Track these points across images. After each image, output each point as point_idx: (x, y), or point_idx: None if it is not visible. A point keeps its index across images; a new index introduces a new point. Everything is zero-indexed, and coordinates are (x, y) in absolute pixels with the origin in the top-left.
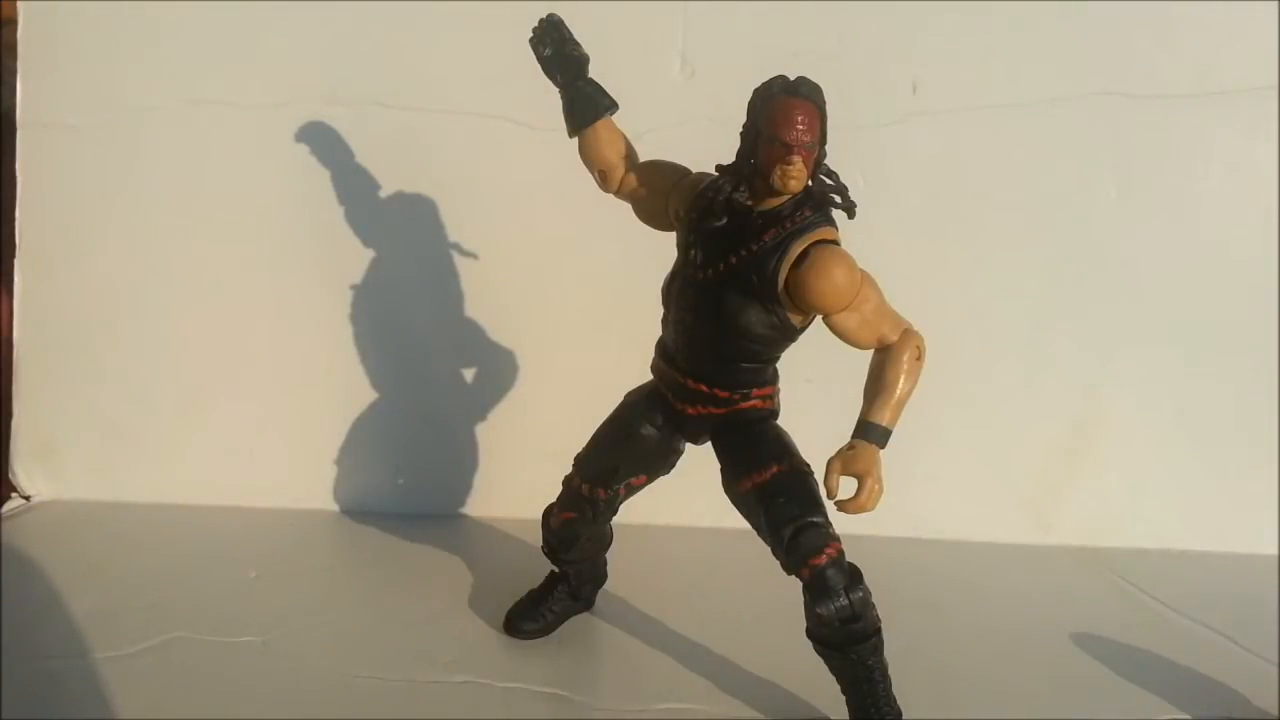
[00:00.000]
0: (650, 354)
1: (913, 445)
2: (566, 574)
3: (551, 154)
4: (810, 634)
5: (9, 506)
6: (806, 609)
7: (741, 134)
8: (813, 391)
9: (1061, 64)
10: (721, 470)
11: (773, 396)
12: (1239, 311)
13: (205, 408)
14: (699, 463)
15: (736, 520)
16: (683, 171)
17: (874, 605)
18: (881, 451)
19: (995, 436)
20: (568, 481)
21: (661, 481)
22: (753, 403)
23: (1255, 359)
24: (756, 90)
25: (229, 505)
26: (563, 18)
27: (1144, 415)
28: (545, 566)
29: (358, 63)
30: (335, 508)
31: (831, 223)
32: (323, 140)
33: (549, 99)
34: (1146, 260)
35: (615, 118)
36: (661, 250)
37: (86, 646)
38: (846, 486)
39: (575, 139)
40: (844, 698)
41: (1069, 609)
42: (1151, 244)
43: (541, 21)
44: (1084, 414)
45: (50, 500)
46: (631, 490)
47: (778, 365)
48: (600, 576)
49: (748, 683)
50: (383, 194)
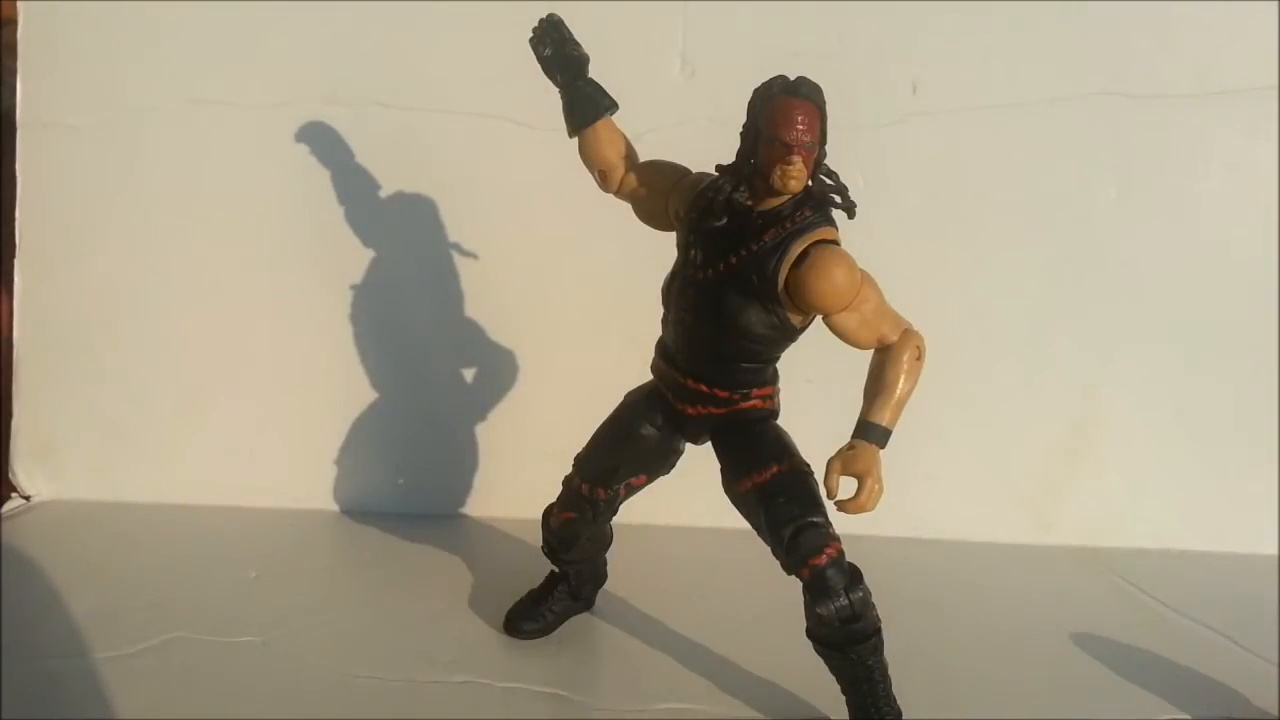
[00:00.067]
0: (650, 354)
1: (913, 445)
2: (566, 574)
3: (551, 154)
4: (810, 634)
5: (9, 506)
6: (806, 609)
7: (741, 134)
8: (813, 391)
9: (1061, 64)
10: (721, 470)
11: (773, 396)
12: (1239, 311)
13: (205, 408)
14: (699, 463)
15: (736, 520)
16: (683, 171)
17: (874, 605)
18: (881, 451)
19: (995, 436)
20: (568, 481)
21: (661, 481)
22: (753, 403)
23: (1255, 359)
24: (756, 90)
25: (229, 505)
26: (563, 18)
27: (1144, 415)
28: (545, 566)
29: (358, 63)
30: (335, 508)
31: (831, 223)
32: (323, 140)
33: (549, 99)
34: (1146, 260)
35: (615, 118)
36: (661, 250)
37: (86, 646)
38: (846, 486)
39: (575, 139)
40: (844, 698)
41: (1069, 609)
42: (1151, 244)
43: (541, 21)
44: (1084, 414)
45: (50, 500)
46: (631, 490)
47: (778, 365)
48: (600, 576)
49: (748, 683)
50: (383, 194)
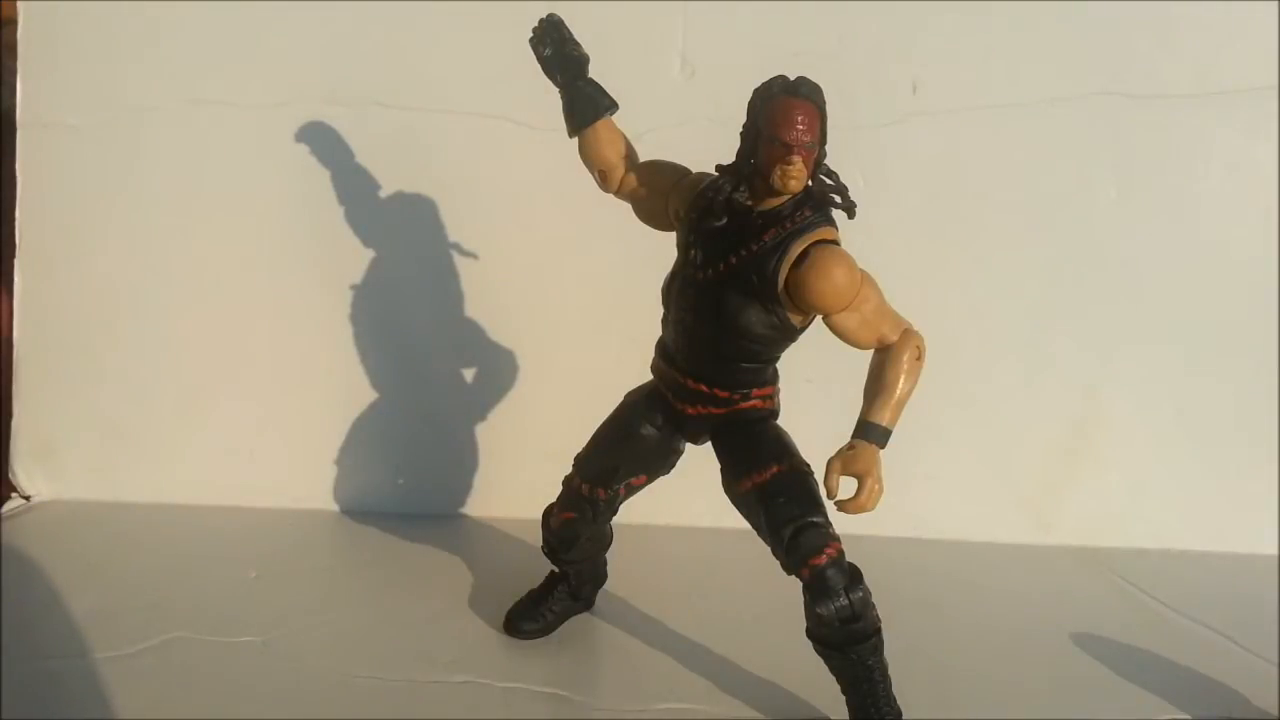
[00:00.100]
0: (650, 354)
1: (913, 445)
2: (566, 574)
3: (551, 154)
4: (810, 634)
5: (9, 506)
6: (806, 609)
7: (741, 134)
8: (813, 391)
9: (1061, 64)
10: (721, 470)
11: (773, 396)
12: (1239, 311)
13: (205, 408)
14: (699, 463)
15: (736, 520)
16: (683, 171)
17: (874, 605)
18: (881, 451)
19: (995, 436)
20: (568, 481)
21: (661, 481)
22: (753, 403)
23: (1255, 359)
24: (756, 90)
25: (229, 505)
26: (563, 18)
27: (1144, 415)
28: (545, 566)
29: (358, 63)
30: (335, 508)
31: (831, 223)
32: (323, 140)
33: (549, 99)
34: (1146, 260)
35: (615, 118)
36: (661, 250)
37: (86, 646)
38: (846, 486)
39: (575, 139)
40: (844, 698)
41: (1069, 609)
42: (1151, 244)
43: (541, 21)
44: (1084, 414)
45: (50, 500)
46: (631, 490)
47: (778, 365)
48: (600, 576)
49: (748, 683)
50: (383, 194)
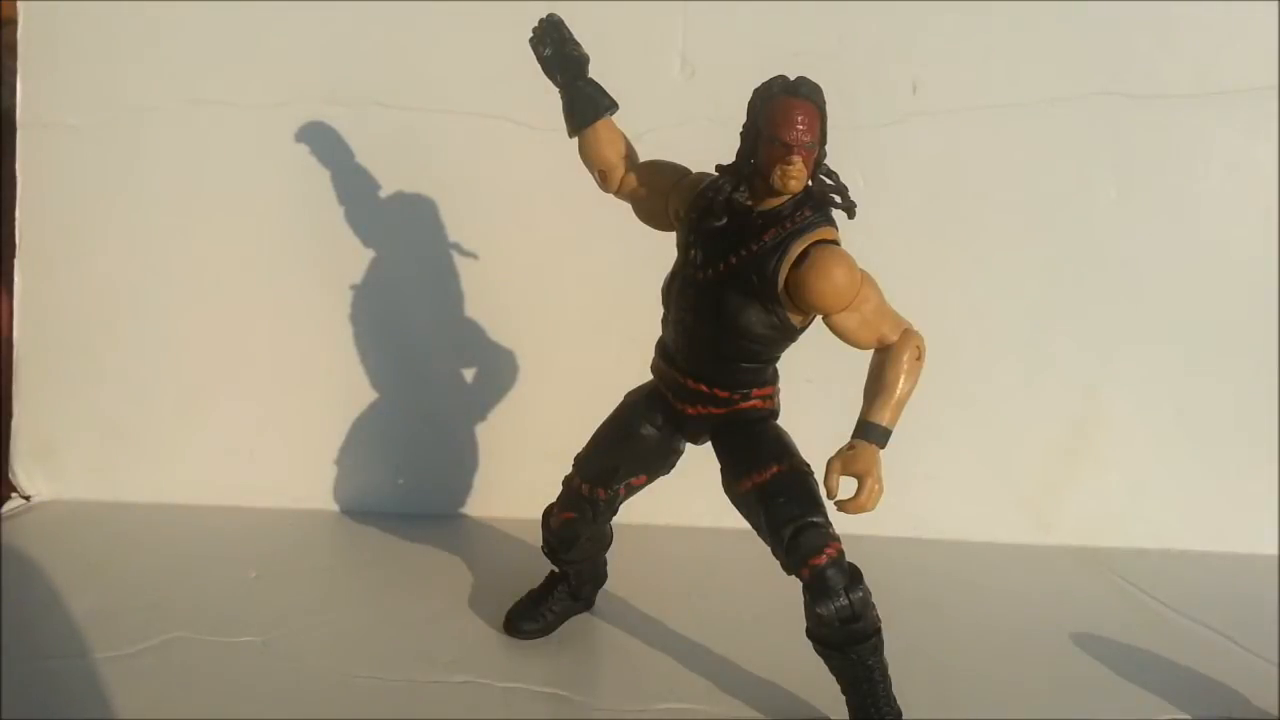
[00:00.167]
0: (650, 354)
1: (913, 445)
2: (566, 574)
3: (551, 154)
4: (810, 634)
5: (9, 506)
6: (806, 609)
7: (741, 134)
8: (813, 391)
9: (1061, 64)
10: (721, 470)
11: (773, 396)
12: (1239, 311)
13: (205, 408)
14: (699, 463)
15: (736, 520)
16: (683, 171)
17: (874, 605)
18: (881, 451)
19: (995, 436)
20: (568, 481)
21: (661, 481)
22: (753, 403)
23: (1255, 359)
24: (756, 90)
25: (229, 505)
26: (563, 18)
27: (1144, 415)
28: (545, 566)
29: (358, 63)
30: (335, 508)
31: (831, 223)
32: (323, 140)
33: (549, 99)
34: (1146, 260)
35: (615, 118)
36: (661, 250)
37: (86, 646)
38: (846, 486)
39: (575, 139)
40: (844, 698)
41: (1069, 609)
42: (1151, 244)
43: (541, 21)
44: (1084, 414)
45: (50, 500)
46: (631, 490)
47: (778, 365)
48: (600, 576)
49: (748, 683)
50: (383, 194)
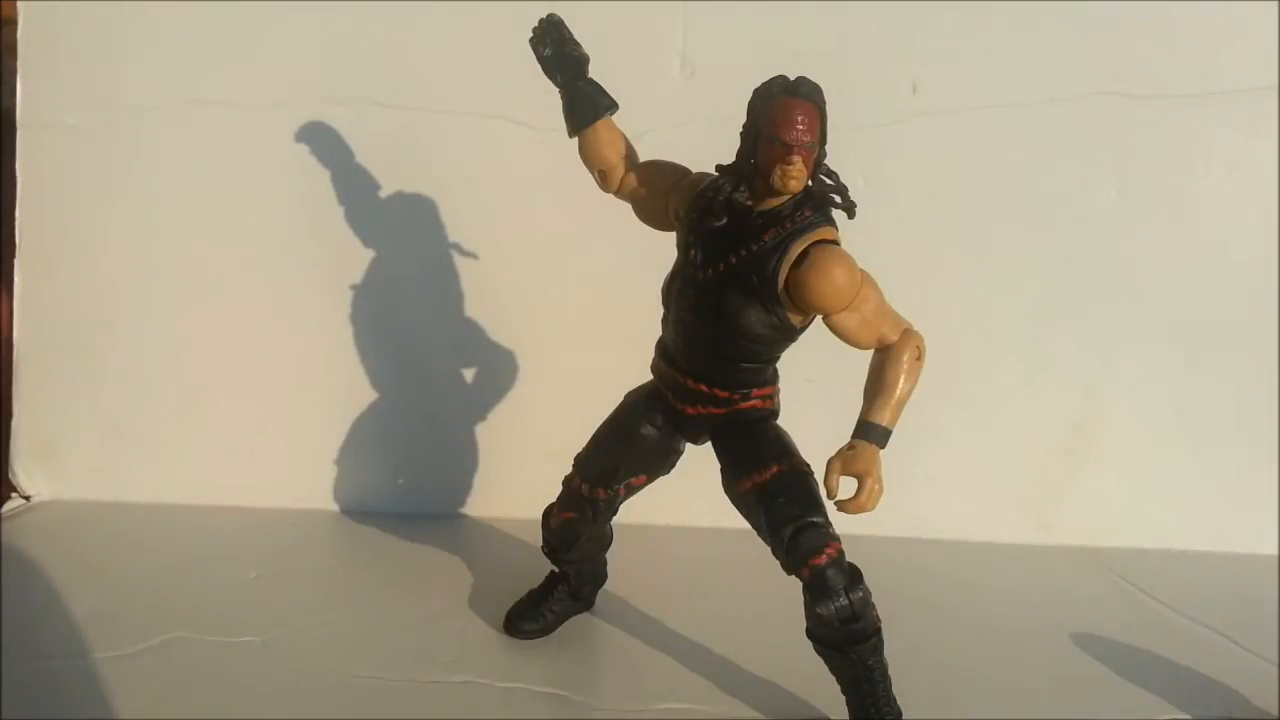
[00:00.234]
0: (650, 354)
1: (913, 445)
2: (566, 574)
3: (551, 154)
4: (810, 634)
5: (9, 506)
6: (806, 609)
7: (741, 134)
8: (813, 391)
9: (1061, 64)
10: (721, 470)
11: (773, 396)
12: (1239, 311)
13: (205, 408)
14: (699, 463)
15: (736, 520)
16: (683, 171)
17: (874, 605)
18: (881, 451)
19: (995, 436)
20: (568, 481)
21: (661, 481)
22: (753, 403)
23: (1255, 359)
24: (756, 90)
25: (229, 505)
26: (563, 18)
27: (1144, 415)
28: (545, 566)
29: (358, 63)
30: (335, 508)
31: (831, 223)
32: (323, 140)
33: (549, 99)
34: (1146, 260)
35: (615, 118)
36: (661, 250)
37: (86, 646)
38: (846, 486)
39: (575, 139)
40: (844, 698)
41: (1069, 609)
42: (1151, 244)
43: (541, 21)
44: (1084, 414)
45: (50, 500)
46: (631, 490)
47: (778, 365)
48: (600, 576)
49: (748, 683)
50: (383, 194)
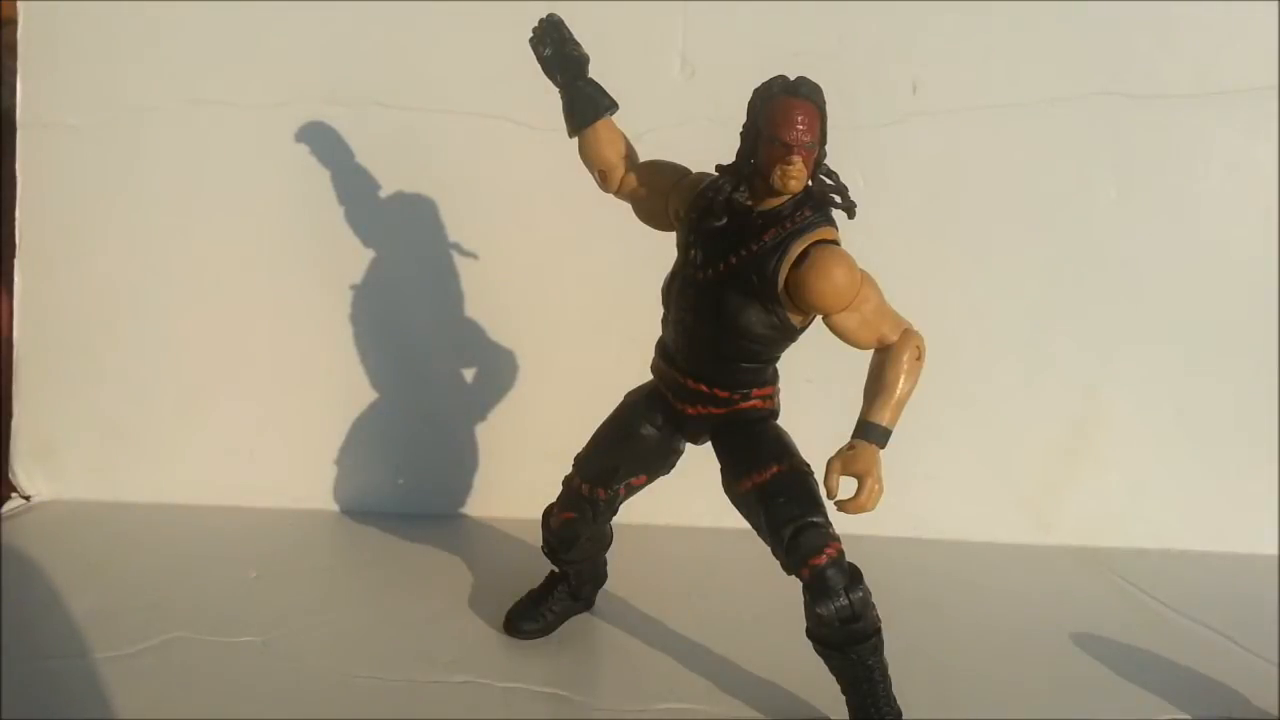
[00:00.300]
0: (650, 354)
1: (913, 445)
2: (566, 574)
3: (551, 154)
4: (810, 634)
5: (9, 506)
6: (806, 609)
7: (741, 134)
8: (813, 391)
9: (1061, 64)
10: (721, 470)
11: (773, 396)
12: (1239, 311)
13: (205, 408)
14: (699, 463)
15: (736, 520)
16: (683, 171)
17: (874, 605)
18: (881, 451)
19: (995, 436)
20: (568, 481)
21: (661, 481)
22: (753, 403)
23: (1255, 359)
24: (756, 90)
25: (229, 505)
26: (563, 18)
27: (1144, 415)
28: (545, 566)
29: (358, 63)
30: (335, 508)
31: (831, 223)
32: (323, 140)
33: (549, 99)
34: (1146, 260)
35: (615, 118)
36: (661, 250)
37: (86, 646)
38: (846, 486)
39: (575, 139)
40: (844, 698)
41: (1069, 609)
42: (1151, 244)
43: (541, 21)
44: (1084, 414)
45: (50, 500)
46: (631, 490)
47: (778, 365)
48: (600, 576)
49: (748, 683)
50: (383, 194)
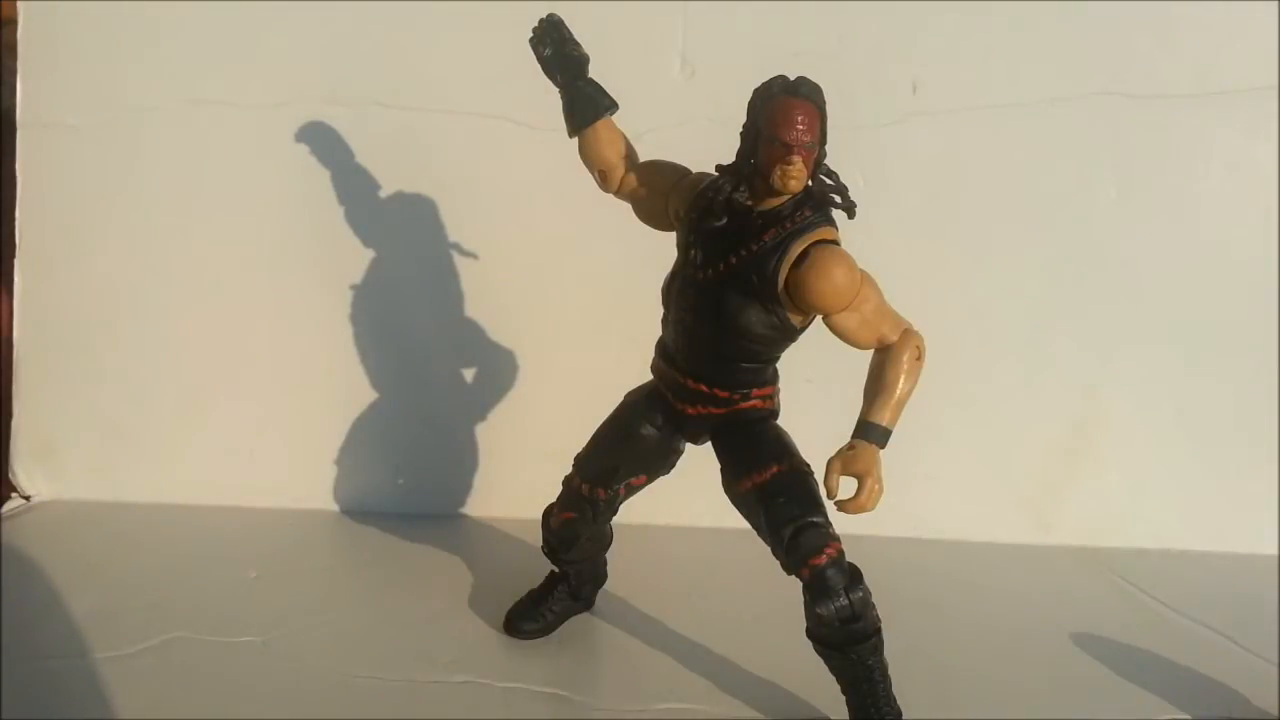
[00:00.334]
0: (650, 354)
1: (913, 445)
2: (566, 574)
3: (551, 154)
4: (810, 634)
5: (9, 506)
6: (806, 609)
7: (741, 134)
8: (813, 391)
9: (1061, 64)
10: (721, 470)
11: (773, 396)
12: (1239, 311)
13: (205, 408)
14: (699, 463)
15: (736, 520)
16: (683, 171)
17: (874, 605)
18: (881, 451)
19: (995, 436)
20: (568, 481)
21: (661, 481)
22: (753, 403)
23: (1255, 359)
24: (756, 90)
25: (229, 505)
26: (563, 18)
27: (1144, 415)
28: (545, 566)
29: (358, 63)
30: (335, 508)
31: (831, 223)
32: (323, 140)
33: (549, 99)
34: (1146, 260)
35: (615, 118)
36: (661, 250)
37: (86, 646)
38: (846, 486)
39: (575, 139)
40: (844, 698)
41: (1069, 609)
42: (1151, 244)
43: (541, 21)
44: (1084, 414)
45: (50, 500)
46: (631, 490)
47: (778, 365)
48: (600, 576)
49: (748, 683)
50: (383, 194)
